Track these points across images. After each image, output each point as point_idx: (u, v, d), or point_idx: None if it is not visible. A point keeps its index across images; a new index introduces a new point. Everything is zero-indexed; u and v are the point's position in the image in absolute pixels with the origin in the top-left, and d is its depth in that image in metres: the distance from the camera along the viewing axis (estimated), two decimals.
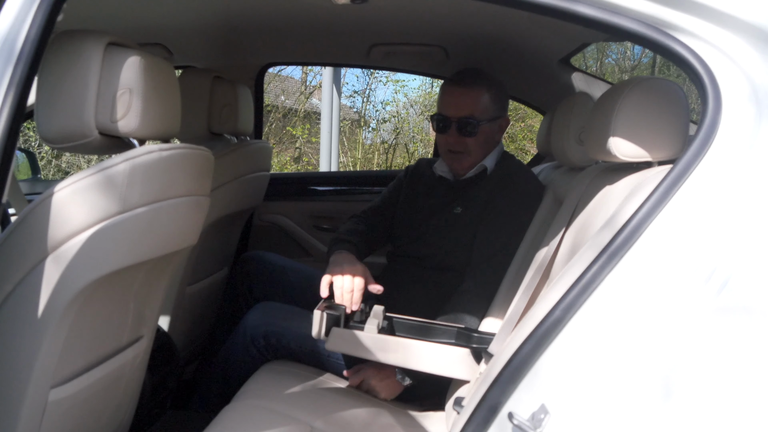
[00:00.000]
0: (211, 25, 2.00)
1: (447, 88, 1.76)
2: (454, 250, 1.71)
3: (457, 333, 1.47)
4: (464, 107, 1.70)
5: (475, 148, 1.73)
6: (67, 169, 6.65)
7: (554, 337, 0.86)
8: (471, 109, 1.70)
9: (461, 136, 1.71)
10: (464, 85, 1.73)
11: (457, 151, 1.74)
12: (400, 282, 1.77)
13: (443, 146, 1.77)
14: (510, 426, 0.83)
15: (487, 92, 1.72)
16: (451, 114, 1.72)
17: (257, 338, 1.66)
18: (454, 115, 1.71)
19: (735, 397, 0.72)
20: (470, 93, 1.71)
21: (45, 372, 1.03)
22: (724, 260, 0.78)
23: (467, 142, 1.72)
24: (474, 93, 1.71)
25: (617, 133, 1.04)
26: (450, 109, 1.72)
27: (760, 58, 0.83)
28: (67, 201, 0.99)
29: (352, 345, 1.46)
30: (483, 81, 1.74)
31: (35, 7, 0.92)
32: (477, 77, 1.74)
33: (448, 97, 1.74)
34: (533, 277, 1.32)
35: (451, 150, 1.75)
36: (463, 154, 1.74)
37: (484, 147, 1.75)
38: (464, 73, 1.77)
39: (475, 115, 1.70)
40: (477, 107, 1.70)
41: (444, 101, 1.75)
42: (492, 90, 1.74)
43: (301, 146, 8.10)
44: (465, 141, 1.72)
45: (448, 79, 1.78)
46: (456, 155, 1.75)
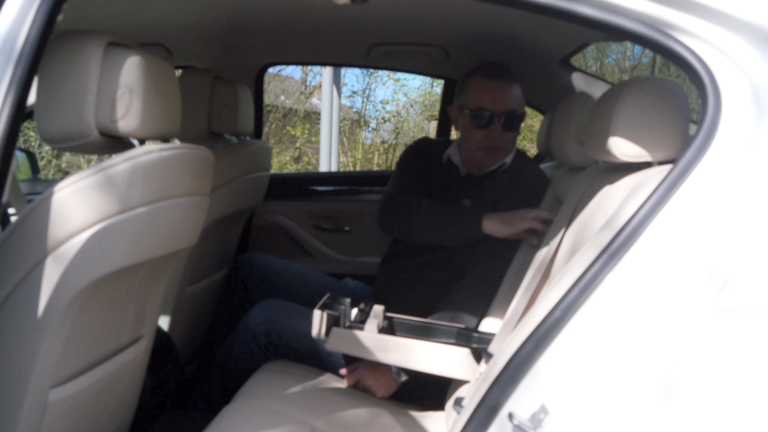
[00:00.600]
0: (211, 25, 2.00)
1: (489, 82, 1.70)
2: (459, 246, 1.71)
3: (457, 333, 1.47)
4: (510, 101, 1.69)
5: (511, 144, 1.74)
6: (67, 169, 6.65)
7: (554, 337, 0.86)
8: (517, 103, 1.70)
9: (506, 131, 1.70)
10: (506, 79, 1.71)
11: (496, 147, 1.71)
12: (399, 281, 1.77)
13: (480, 142, 1.71)
14: (510, 426, 0.83)
15: (519, 87, 1.74)
16: (497, 108, 1.68)
17: (259, 335, 1.66)
18: (500, 109, 1.68)
19: (735, 397, 0.72)
20: (514, 87, 1.71)
21: (45, 372, 1.03)
22: (724, 260, 0.78)
23: (509, 137, 1.72)
24: (514, 87, 1.71)
25: (617, 133, 1.04)
26: (496, 104, 1.68)
27: (760, 58, 0.83)
28: (67, 201, 0.99)
29: (352, 345, 1.46)
30: (514, 75, 1.74)
31: (35, 7, 0.92)
32: (510, 71, 1.74)
33: (493, 92, 1.70)
34: (533, 277, 1.32)
35: (490, 146, 1.71)
36: (499, 149, 1.72)
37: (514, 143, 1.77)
38: (498, 67, 1.74)
39: (518, 109, 1.71)
40: (520, 101, 1.72)
41: (487, 96, 1.69)
42: (520, 87, 1.75)
43: (301, 146, 8.10)
44: (508, 136, 1.71)
45: (480, 72, 1.72)
46: (493, 151, 1.72)
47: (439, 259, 1.73)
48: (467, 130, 1.74)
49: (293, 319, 1.69)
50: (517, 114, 1.70)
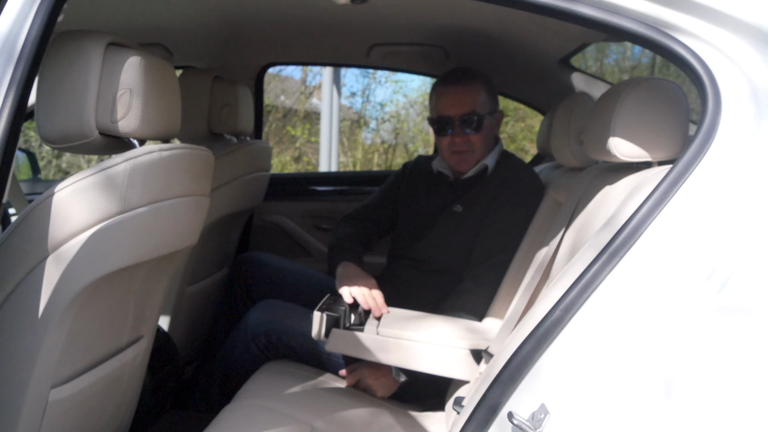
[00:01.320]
0: (211, 26, 2.00)
1: (443, 88, 1.75)
2: (456, 251, 1.71)
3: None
4: (465, 104, 1.70)
5: (479, 145, 1.73)
6: (67, 169, 6.65)
7: (554, 337, 0.86)
8: (472, 105, 1.70)
9: (466, 134, 1.70)
10: (461, 82, 1.72)
11: (462, 151, 1.73)
12: (401, 286, 1.76)
13: (446, 148, 1.75)
14: (510, 426, 0.83)
15: (482, 87, 1.73)
16: (452, 113, 1.70)
17: (258, 336, 1.66)
18: (456, 114, 1.70)
19: (735, 396, 0.72)
20: (469, 89, 1.71)
21: (45, 372, 1.03)
22: (724, 260, 0.78)
23: (472, 139, 1.71)
24: (472, 89, 1.71)
25: (617, 133, 1.04)
26: (451, 109, 1.71)
27: (760, 58, 0.83)
28: (67, 201, 0.99)
29: (352, 346, 1.46)
30: (476, 77, 1.74)
31: (35, 8, 0.92)
32: (470, 74, 1.75)
33: (447, 97, 1.73)
34: (533, 277, 1.32)
35: (456, 150, 1.73)
36: (467, 152, 1.73)
37: (486, 143, 1.75)
38: (456, 71, 1.77)
39: (476, 111, 1.70)
40: (477, 102, 1.70)
41: (442, 102, 1.74)
42: (485, 84, 1.75)
43: (301, 146, 8.10)
44: (470, 139, 1.71)
45: (440, 80, 1.77)
46: (461, 155, 1.74)
47: (438, 263, 1.73)
48: (436, 139, 1.79)
49: (293, 320, 1.69)
50: (476, 115, 1.69)
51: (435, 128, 1.76)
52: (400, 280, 1.77)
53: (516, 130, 7.54)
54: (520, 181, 1.73)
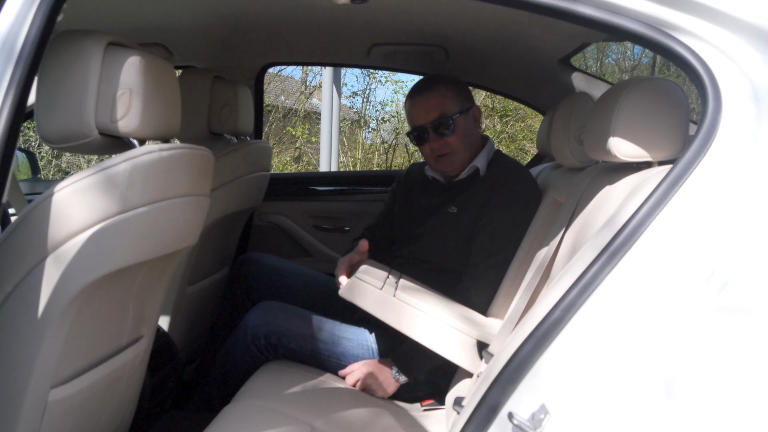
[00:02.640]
0: (211, 26, 2.00)
1: (409, 102, 1.79)
2: (452, 251, 1.71)
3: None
4: (432, 110, 1.73)
5: (458, 145, 1.74)
6: (67, 169, 6.65)
7: (554, 337, 0.86)
8: (439, 109, 1.72)
9: (440, 137, 1.73)
10: (423, 91, 1.76)
11: (443, 154, 1.75)
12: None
13: (429, 156, 1.79)
14: (510, 426, 0.83)
15: (447, 89, 1.75)
16: (422, 122, 1.74)
17: (258, 337, 1.66)
18: (426, 121, 1.74)
19: (735, 396, 0.72)
20: (432, 95, 1.74)
21: (45, 372, 1.03)
22: (724, 260, 0.78)
23: (449, 141, 1.73)
24: (436, 94, 1.74)
25: (617, 133, 1.04)
26: (420, 118, 1.75)
27: (760, 58, 0.83)
28: (67, 201, 0.99)
29: (364, 298, 1.46)
30: (439, 82, 1.78)
31: (35, 7, 0.92)
32: (433, 80, 1.79)
33: (415, 109, 1.77)
34: (533, 277, 1.32)
35: (438, 155, 1.76)
36: (449, 155, 1.75)
37: (467, 142, 1.76)
38: (419, 82, 1.81)
39: (445, 113, 1.72)
40: (444, 105, 1.73)
41: (412, 114, 1.78)
42: (451, 86, 1.77)
43: (301, 146, 8.10)
44: (446, 141, 1.73)
45: (408, 95, 1.82)
46: (443, 158, 1.76)
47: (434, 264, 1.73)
48: (420, 151, 1.83)
49: (292, 322, 1.69)
50: (445, 117, 1.71)
51: (414, 141, 1.81)
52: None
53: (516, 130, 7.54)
54: (513, 181, 1.73)
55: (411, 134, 1.80)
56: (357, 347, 1.66)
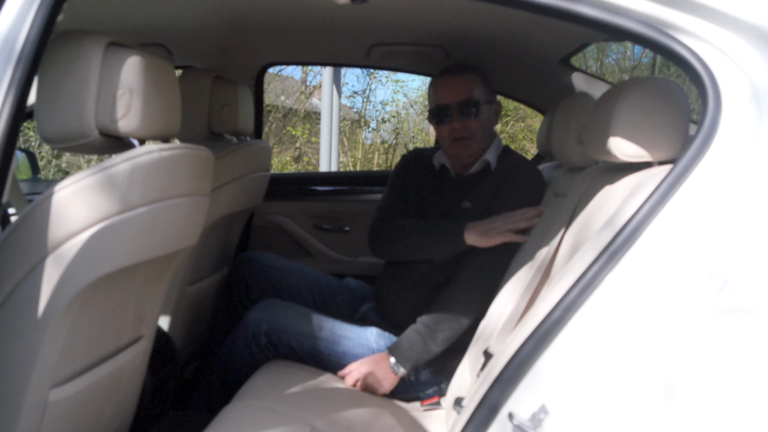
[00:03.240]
0: (211, 26, 2.00)
1: (440, 80, 1.78)
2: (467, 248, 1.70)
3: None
4: (463, 91, 1.72)
5: (478, 132, 1.73)
6: (67, 169, 6.65)
7: (554, 337, 0.86)
8: (469, 92, 1.72)
9: (465, 119, 1.72)
10: (457, 72, 1.76)
11: (462, 137, 1.73)
12: (401, 284, 1.76)
13: (446, 137, 1.75)
14: (510, 426, 0.83)
15: (478, 77, 1.76)
16: (450, 101, 1.72)
17: (259, 335, 1.66)
18: (454, 101, 1.72)
19: (736, 396, 0.72)
20: (465, 78, 1.74)
21: (45, 372, 1.03)
22: (724, 260, 0.78)
23: (471, 125, 1.72)
24: (468, 77, 1.74)
25: (617, 133, 1.04)
26: (449, 97, 1.73)
27: (760, 58, 0.83)
28: (67, 201, 0.99)
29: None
30: (469, 67, 1.79)
31: (35, 7, 0.92)
32: (464, 65, 1.79)
33: (445, 87, 1.75)
34: (533, 276, 1.32)
35: (457, 137, 1.74)
36: (468, 139, 1.73)
37: (486, 131, 1.76)
38: (453, 64, 1.81)
39: (473, 97, 1.72)
40: (474, 89, 1.73)
41: (440, 92, 1.76)
42: (482, 75, 1.78)
43: (301, 146, 8.10)
44: (469, 125, 1.72)
45: (437, 73, 1.80)
46: (461, 142, 1.74)
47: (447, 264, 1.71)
48: (437, 132, 1.81)
49: (293, 320, 1.69)
50: (473, 100, 1.71)
51: (435, 119, 1.78)
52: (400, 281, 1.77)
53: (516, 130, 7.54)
54: (523, 175, 1.73)
55: (433, 113, 1.78)
56: (357, 346, 1.66)
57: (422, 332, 1.58)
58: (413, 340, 1.58)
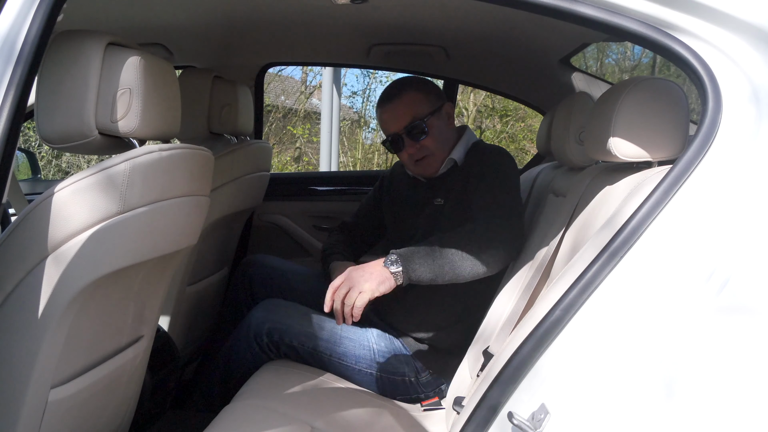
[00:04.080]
0: (211, 26, 2.00)
1: (381, 110, 1.76)
2: None
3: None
4: (405, 115, 1.69)
5: (435, 146, 1.71)
6: (67, 169, 6.65)
7: (554, 337, 0.86)
8: (412, 113, 1.69)
9: (415, 141, 1.70)
10: (392, 98, 1.73)
11: (422, 158, 1.73)
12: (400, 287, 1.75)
13: (408, 161, 1.75)
14: (510, 426, 0.83)
15: (415, 92, 1.72)
16: (397, 129, 1.71)
17: (260, 335, 1.66)
18: (398, 128, 1.71)
19: (736, 396, 0.72)
20: (403, 100, 1.71)
21: (45, 372, 1.03)
22: (724, 260, 0.78)
23: (424, 144, 1.70)
24: (403, 100, 1.71)
25: (617, 133, 1.04)
26: (394, 125, 1.72)
27: (760, 58, 0.83)
28: (67, 201, 0.99)
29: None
30: (406, 85, 1.74)
31: (35, 7, 0.92)
32: (399, 86, 1.75)
33: (387, 115, 1.74)
34: (533, 276, 1.32)
35: (417, 160, 1.73)
36: (428, 157, 1.72)
37: (443, 141, 1.73)
38: (387, 90, 1.77)
39: (417, 116, 1.69)
40: (414, 109, 1.69)
41: (385, 122, 1.75)
42: (418, 87, 1.73)
43: (301, 146, 8.10)
44: (422, 144, 1.70)
45: (377, 105, 1.78)
46: (422, 162, 1.73)
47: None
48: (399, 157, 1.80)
49: (295, 320, 1.69)
50: (417, 122, 1.68)
51: (390, 149, 1.77)
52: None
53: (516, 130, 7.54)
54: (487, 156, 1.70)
55: (386, 142, 1.77)
56: (358, 347, 1.66)
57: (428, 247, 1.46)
58: (416, 248, 1.46)
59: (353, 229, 2.00)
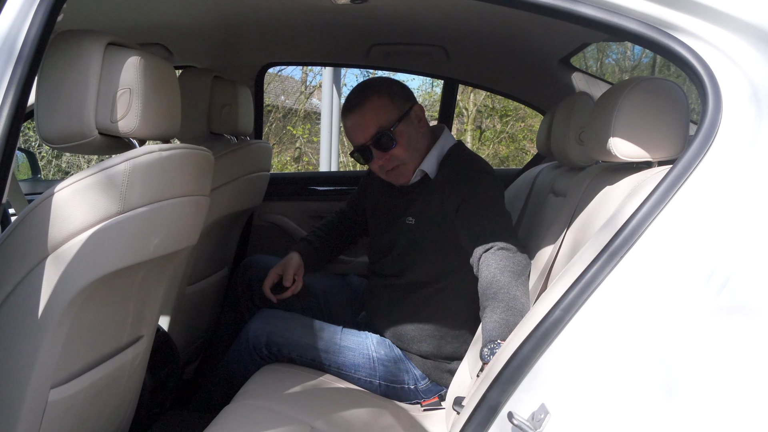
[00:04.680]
0: (211, 26, 2.00)
1: (346, 120, 1.65)
2: (422, 267, 1.64)
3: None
4: (370, 126, 1.60)
5: (405, 155, 1.63)
6: (67, 169, 6.65)
7: (554, 337, 0.86)
8: (377, 123, 1.60)
9: (384, 152, 1.61)
10: (355, 106, 1.63)
11: (393, 167, 1.64)
12: (381, 303, 1.73)
13: (380, 172, 1.68)
14: (510, 426, 0.83)
15: (379, 98, 1.62)
16: (362, 140, 1.62)
17: (259, 347, 1.66)
18: (365, 140, 1.61)
19: (735, 396, 0.72)
20: (365, 110, 1.61)
21: (45, 372, 1.03)
22: (724, 260, 0.78)
23: (394, 153, 1.62)
24: (368, 107, 1.61)
25: (617, 133, 1.04)
26: (359, 137, 1.63)
27: (760, 58, 0.83)
28: (67, 201, 0.99)
29: None
30: (369, 91, 1.63)
31: (35, 7, 0.92)
32: (362, 92, 1.65)
33: (350, 128, 1.65)
34: (537, 279, 1.32)
35: (388, 170, 1.65)
36: (399, 167, 1.64)
37: (413, 147, 1.64)
38: (350, 96, 1.67)
39: (383, 125, 1.60)
40: (380, 117, 1.60)
41: (351, 133, 1.65)
42: (382, 92, 1.63)
43: (301, 146, 8.10)
44: (392, 154, 1.62)
45: (343, 110, 1.68)
46: (394, 171, 1.65)
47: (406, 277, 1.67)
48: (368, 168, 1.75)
49: (292, 331, 1.68)
50: (383, 131, 1.59)
51: (359, 160, 1.69)
52: (380, 299, 1.74)
53: (516, 130, 7.54)
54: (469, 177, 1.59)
55: (354, 154, 1.67)
56: (358, 356, 1.65)
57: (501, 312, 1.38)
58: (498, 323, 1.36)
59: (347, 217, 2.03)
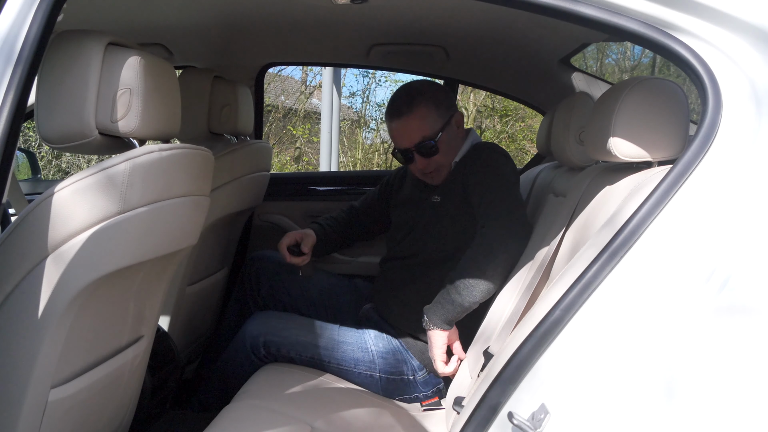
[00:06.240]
0: (212, 26, 2.00)
1: (390, 124, 1.74)
2: (441, 242, 1.71)
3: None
4: (416, 133, 1.68)
5: (444, 161, 1.73)
6: (67, 169, 6.65)
7: (554, 337, 0.86)
8: (422, 131, 1.68)
9: (426, 158, 1.71)
10: (402, 114, 1.69)
11: (431, 171, 1.74)
12: (393, 284, 1.77)
13: (417, 171, 1.77)
14: (510, 426, 0.83)
15: (426, 107, 1.68)
16: (406, 145, 1.71)
17: (257, 347, 1.67)
18: (409, 145, 1.70)
19: (735, 396, 0.72)
20: (411, 119, 1.68)
21: (45, 372, 1.03)
22: (724, 260, 0.78)
23: (436, 160, 1.72)
24: (414, 117, 1.68)
25: (617, 133, 1.04)
26: (403, 142, 1.71)
27: (760, 58, 0.83)
28: (67, 201, 0.99)
29: None
30: (417, 99, 1.69)
31: (35, 7, 0.92)
32: (409, 99, 1.70)
33: (395, 132, 1.73)
34: (534, 277, 1.32)
35: (425, 173, 1.75)
36: (437, 170, 1.74)
37: (452, 152, 1.74)
38: (397, 101, 1.72)
39: (427, 136, 1.68)
40: (424, 127, 1.68)
41: (395, 137, 1.74)
42: (429, 101, 1.69)
43: (302, 146, 8.10)
44: (433, 161, 1.71)
45: (386, 113, 1.76)
46: (431, 174, 1.76)
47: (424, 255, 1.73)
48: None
49: (290, 331, 1.69)
50: (428, 139, 1.68)
51: (400, 160, 1.79)
52: (392, 281, 1.78)
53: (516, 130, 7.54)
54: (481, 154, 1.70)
55: (396, 154, 1.77)
56: (357, 350, 1.66)
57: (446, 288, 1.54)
58: (439, 298, 1.54)
59: (357, 214, 2.06)
